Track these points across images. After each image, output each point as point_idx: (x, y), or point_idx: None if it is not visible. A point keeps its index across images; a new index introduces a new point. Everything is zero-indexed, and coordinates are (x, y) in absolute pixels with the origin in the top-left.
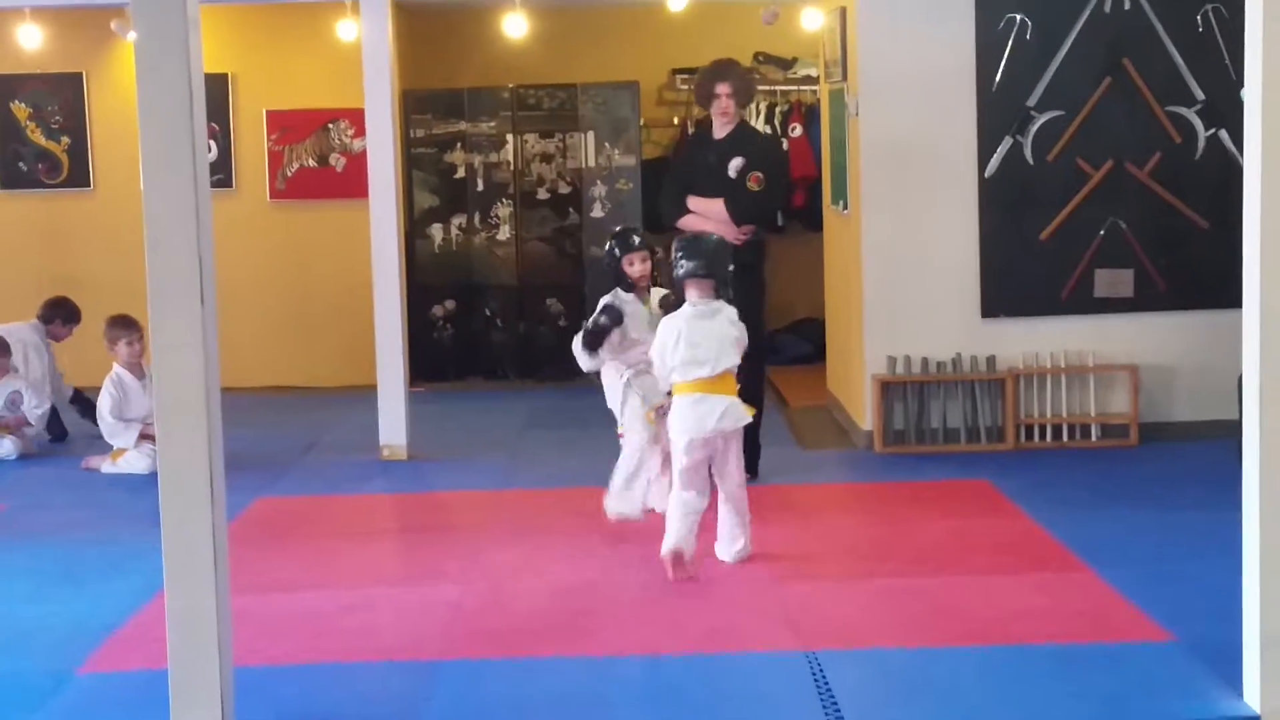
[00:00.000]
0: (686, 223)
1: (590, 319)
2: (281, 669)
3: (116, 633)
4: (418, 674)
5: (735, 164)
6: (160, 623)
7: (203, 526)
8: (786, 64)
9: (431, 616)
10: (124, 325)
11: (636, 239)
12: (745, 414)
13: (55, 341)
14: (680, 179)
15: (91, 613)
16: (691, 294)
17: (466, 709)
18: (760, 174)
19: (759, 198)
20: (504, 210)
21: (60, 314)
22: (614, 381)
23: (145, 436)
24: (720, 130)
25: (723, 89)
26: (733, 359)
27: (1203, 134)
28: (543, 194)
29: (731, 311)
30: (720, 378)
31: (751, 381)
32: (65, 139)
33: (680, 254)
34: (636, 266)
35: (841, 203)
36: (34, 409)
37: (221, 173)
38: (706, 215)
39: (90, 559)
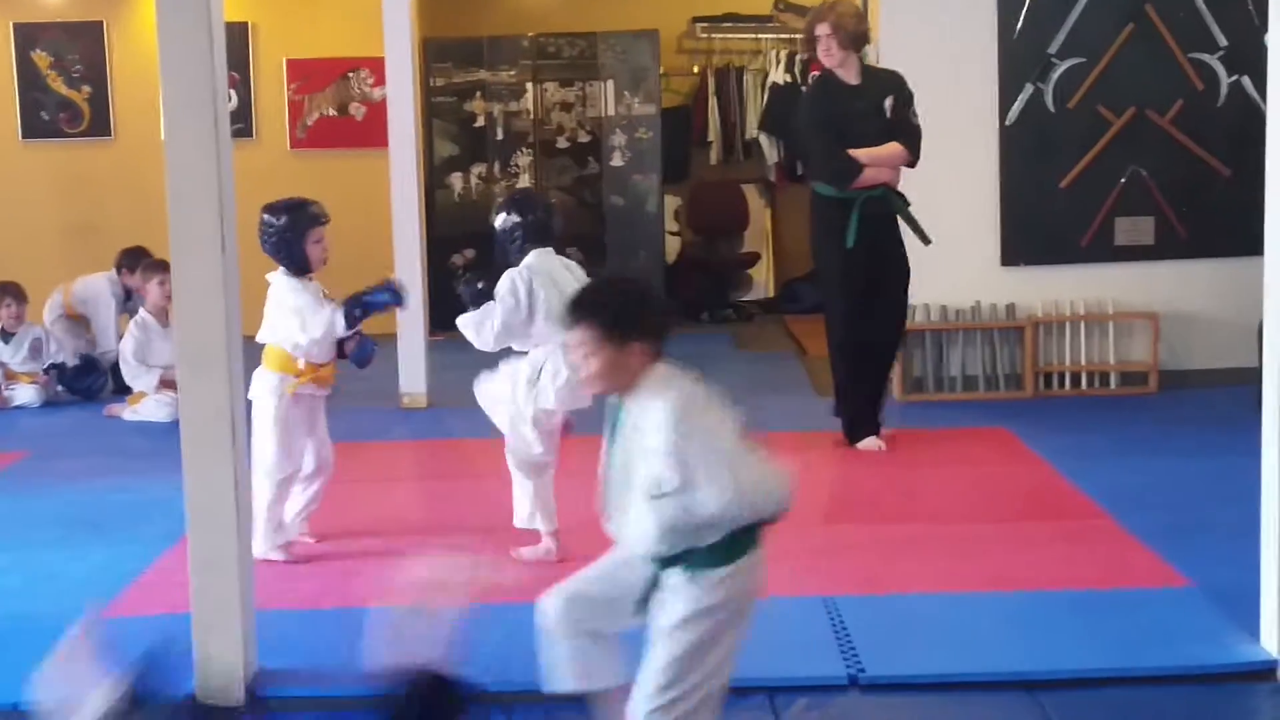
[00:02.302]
0: (864, 177)
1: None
2: (303, 613)
3: (140, 578)
4: None
5: (889, 104)
6: (183, 568)
7: (224, 473)
8: (808, 12)
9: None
10: (160, 267)
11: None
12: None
13: (134, 291)
14: (830, 133)
15: (115, 558)
16: None
17: (485, 653)
18: (915, 109)
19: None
20: (524, 159)
21: (127, 262)
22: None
23: (165, 385)
24: (853, 76)
25: (821, 29)
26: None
27: (1225, 81)
28: (562, 143)
29: (282, 284)
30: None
31: (895, 334)
32: (86, 88)
33: None
34: None
35: None
36: (54, 355)
37: (241, 122)
38: (885, 164)
39: (114, 505)
